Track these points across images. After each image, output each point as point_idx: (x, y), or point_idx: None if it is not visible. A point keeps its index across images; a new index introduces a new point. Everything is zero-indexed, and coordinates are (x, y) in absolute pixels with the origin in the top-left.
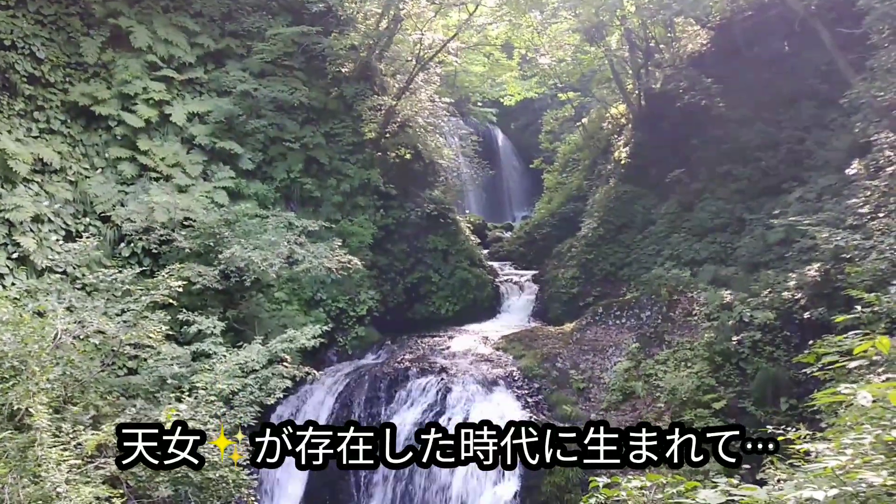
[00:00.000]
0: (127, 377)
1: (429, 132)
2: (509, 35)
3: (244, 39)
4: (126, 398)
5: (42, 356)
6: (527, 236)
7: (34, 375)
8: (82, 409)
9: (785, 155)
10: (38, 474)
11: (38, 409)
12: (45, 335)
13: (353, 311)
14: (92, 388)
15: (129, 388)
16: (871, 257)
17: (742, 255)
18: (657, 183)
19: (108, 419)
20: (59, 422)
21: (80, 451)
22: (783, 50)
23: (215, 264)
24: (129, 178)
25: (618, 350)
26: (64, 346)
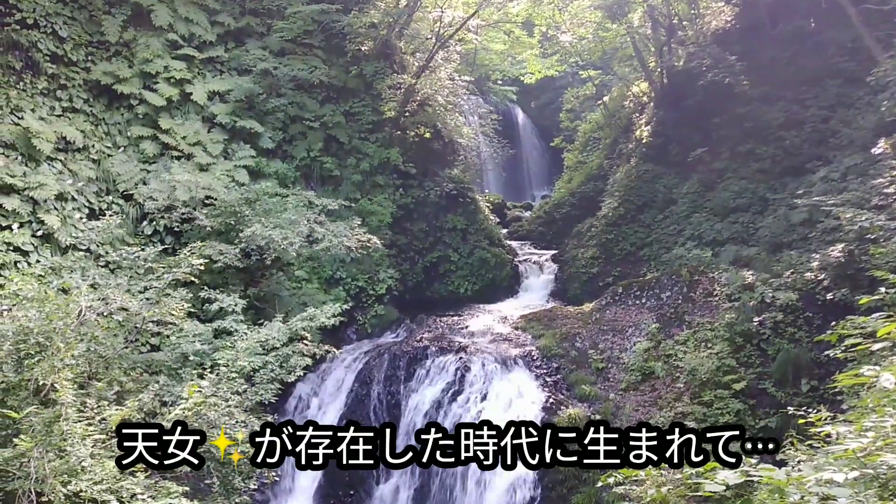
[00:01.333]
0: (150, 354)
1: (448, 111)
2: (530, 12)
3: (264, 18)
4: (149, 374)
5: (67, 332)
6: (546, 216)
7: (59, 351)
8: (106, 384)
9: (809, 134)
10: (63, 448)
11: (63, 384)
12: (69, 312)
13: (373, 290)
14: (116, 364)
15: (152, 364)
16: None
17: (764, 235)
18: (679, 162)
19: (132, 395)
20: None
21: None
22: (808, 27)
23: (236, 242)
24: (150, 156)
25: (637, 330)
26: (88, 323)
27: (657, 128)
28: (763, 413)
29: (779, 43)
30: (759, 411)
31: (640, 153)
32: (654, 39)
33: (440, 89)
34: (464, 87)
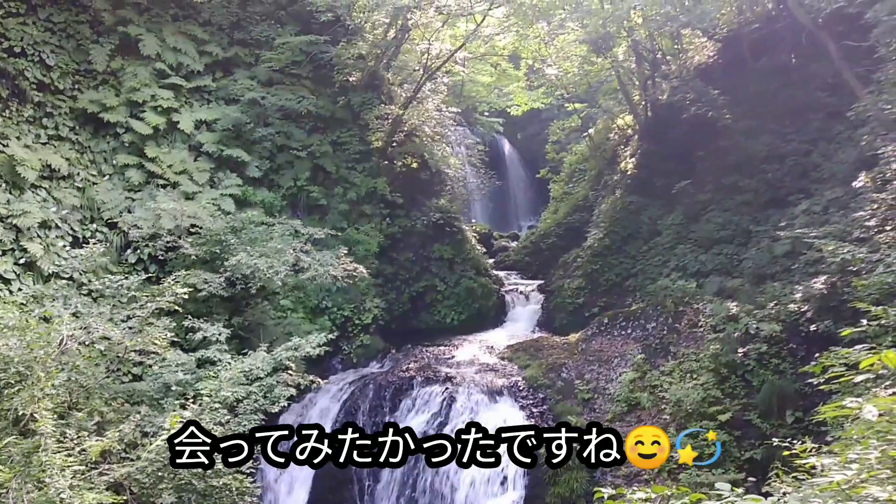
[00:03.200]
0: (132, 383)
1: (435, 141)
2: (516, 46)
3: (252, 48)
4: (130, 404)
5: (47, 361)
6: (533, 246)
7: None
8: (87, 415)
9: (791, 167)
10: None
11: (43, 414)
12: (50, 341)
13: (359, 320)
14: (97, 394)
15: (134, 394)
16: (878, 270)
17: (748, 266)
18: (663, 194)
19: (113, 425)
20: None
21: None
22: (790, 62)
23: (221, 271)
24: (136, 184)
25: (623, 361)
26: (69, 352)
27: (642, 160)
28: (748, 445)
29: (761, 77)
30: (745, 443)
31: (625, 185)
32: (639, 73)
33: (427, 120)
34: (451, 118)
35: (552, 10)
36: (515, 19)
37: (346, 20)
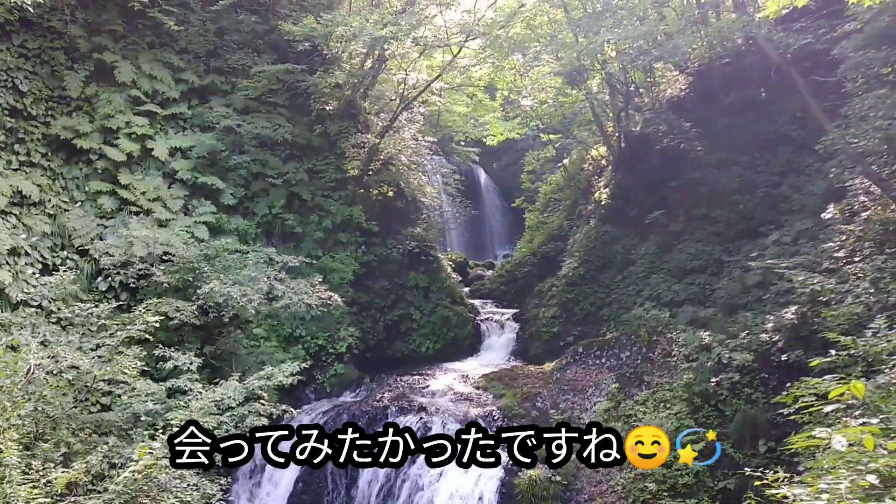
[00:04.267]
0: (100, 413)
1: (412, 170)
2: (492, 77)
3: (229, 76)
4: (98, 435)
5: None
6: (508, 275)
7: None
8: (53, 445)
9: (762, 198)
10: None
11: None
12: (17, 370)
13: (333, 349)
14: (64, 424)
15: (102, 424)
16: (847, 301)
17: (720, 296)
18: (637, 224)
19: (80, 456)
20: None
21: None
22: (760, 96)
23: (194, 299)
24: (108, 211)
25: (598, 390)
26: (36, 382)
27: (615, 190)
28: (721, 474)
29: (731, 111)
30: (718, 472)
31: (599, 215)
32: (612, 105)
33: (404, 149)
34: (427, 147)
35: (527, 42)
36: (491, 51)
37: (324, 50)
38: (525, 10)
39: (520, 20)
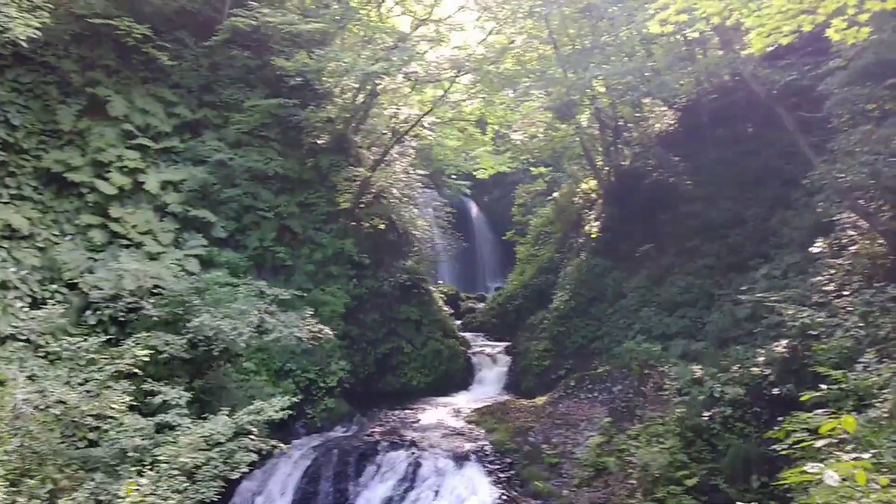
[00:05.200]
0: (87, 449)
1: (403, 203)
2: (483, 111)
3: (221, 110)
4: (85, 471)
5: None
6: (499, 307)
7: None
8: (39, 482)
9: (751, 232)
10: None
11: None
12: (3, 405)
13: (323, 383)
14: (50, 460)
15: (89, 460)
16: (837, 335)
17: (711, 329)
18: (627, 257)
19: (66, 493)
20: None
21: None
22: (747, 131)
23: (183, 333)
24: (98, 244)
25: (590, 424)
26: (23, 417)
27: (606, 224)
28: None
29: (720, 145)
30: None
31: (590, 248)
32: (602, 140)
33: (396, 182)
34: (419, 180)
35: (517, 78)
36: (482, 86)
37: (316, 84)
38: (515, 47)
39: (510, 56)
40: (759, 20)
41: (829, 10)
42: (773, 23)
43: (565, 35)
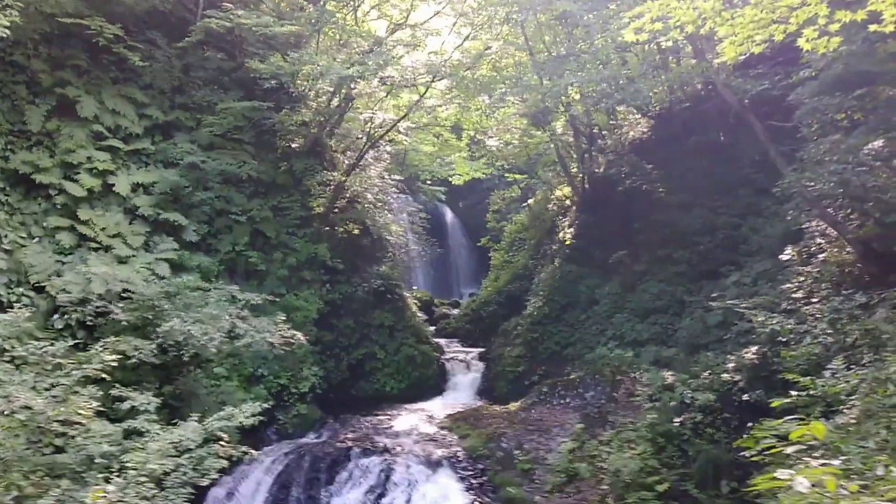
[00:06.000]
0: (53, 455)
1: (378, 208)
2: (458, 117)
3: (194, 112)
4: (51, 478)
5: None
6: (473, 313)
7: None
8: (4, 489)
9: (722, 240)
10: None
11: None
12: None
13: (295, 388)
14: (15, 466)
15: (55, 467)
16: (806, 342)
17: (682, 336)
18: (601, 264)
19: (31, 500)
20: None
21: None
22: (719, 139)
23: (153, 338)
24: (67, 247)
25: (562, 430)
26: None
27: (580, 230)
28: None
29: (692, 154)
30: None
31: (564, 254)
32: (576, 147)
33: (370, 187)
34: (394, 185)
35: (493, 84)
36: (458, 92)
37: (290, 87)
38: (491, 53)
39: (485, 62)
40: (731, 29)
41: (800, 19)
42: (746, 32)
43: (541, 42)
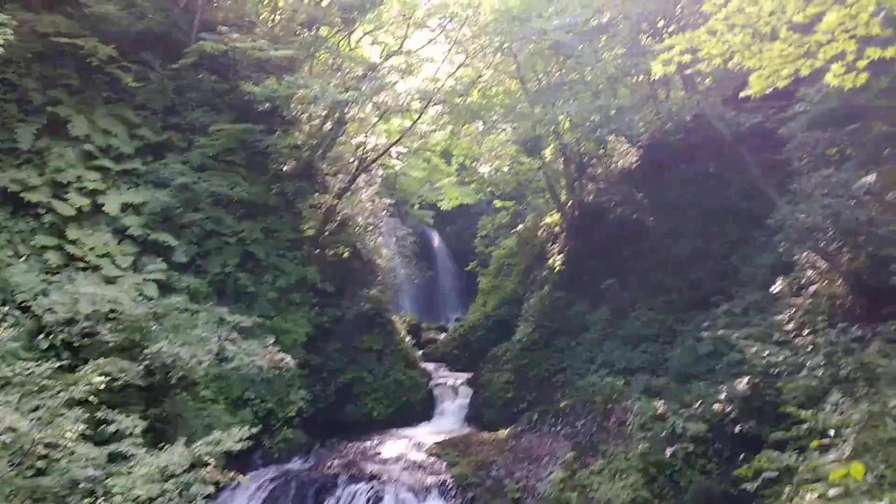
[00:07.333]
0: (35, 478)
1: (368, 232)
2: (449, 143)
3: (186, 133)
4: (33, 501)
5: None
6: (461, 338)
7: None
8: None
9: (712, 269)
10: None
11: None
12: None
13: (282, 412)
14: None
15: (38, 490)
16: (802, 374)
17: (673, 365)
18: (591, 291)
19: None
20: None
21: None
22: (709, 170)
23: (140, 359)
24: (54, 267)
25: (553, 459)
26: None
27: (569, 257)
28: None
29: (682, 183)
30: None
31: (554, 281)
32: (566, 174)
33: (361, 210)
34: (384, 208)
35: (484, 111)
36: (449, 118)
37: (284, 111)
38: (483, 80)
39: (477, 89)
40: (759, 62)
41: (827, 55)
42: (773, 66)
43: (532, 71)
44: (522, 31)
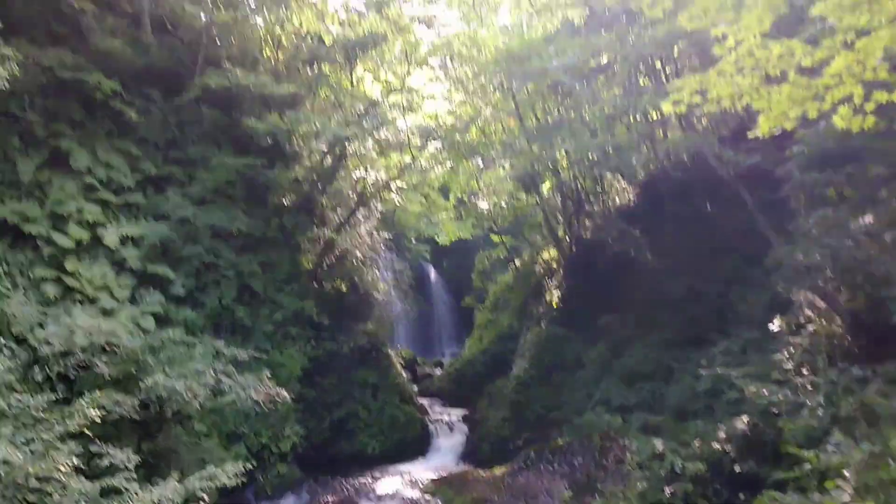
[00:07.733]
0: None
1: (366, 266)
2: (447, 178)
3: (187, 167)
4: None
5: None
6: (457, 373)
7: None
8: None
9: (708, 307)
10: None
11: None
12: None
13: (276, 447)
14: None
15: None
16: (803, 414)
17: (670, 403)
18: (588, 327)
19: None
20: None
21: None
22: (705, 208)
23: (136, 392)
24: (51, 298)
25: (550, 498)
26: None
27: (566, 293)
28: None
29: (679, 221)
30: None
31: (550, 316)
32: (563, 210)
33: (360, 245)
34: (382, 243)
35: (483, 148)
36: (448, 154)
37: (285, 145)
38: (482, 118)
39: (476, 126)
40: (767, 104)
41: (835, 98)
42: (781, 108)
43: (531, 109)
44: (522, 70)
